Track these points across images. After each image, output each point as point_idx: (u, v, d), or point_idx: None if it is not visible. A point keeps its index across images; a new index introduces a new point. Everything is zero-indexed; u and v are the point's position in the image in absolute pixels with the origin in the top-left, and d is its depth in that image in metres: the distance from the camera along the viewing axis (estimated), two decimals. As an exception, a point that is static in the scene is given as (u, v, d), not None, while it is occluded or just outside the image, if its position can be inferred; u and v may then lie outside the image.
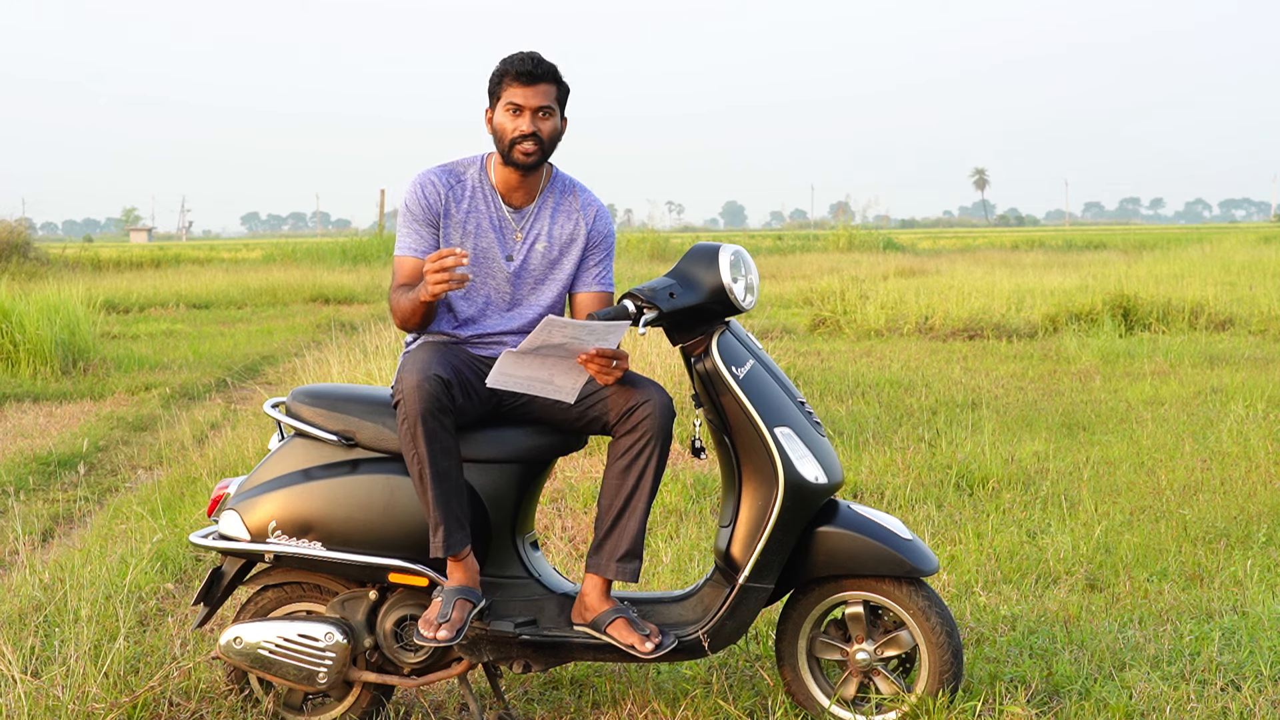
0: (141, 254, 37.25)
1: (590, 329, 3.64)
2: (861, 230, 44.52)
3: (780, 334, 15.34)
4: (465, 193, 4.00)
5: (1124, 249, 36.47)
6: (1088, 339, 13.54)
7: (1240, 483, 6.79)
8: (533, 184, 4.01)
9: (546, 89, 3.90)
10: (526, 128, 3.88)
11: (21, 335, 12.11)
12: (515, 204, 4.02)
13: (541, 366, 3.70)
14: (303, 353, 11.74)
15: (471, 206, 3.99)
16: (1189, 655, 4.40)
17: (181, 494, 6.98)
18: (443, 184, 3.99)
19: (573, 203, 4.05)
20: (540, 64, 3.89)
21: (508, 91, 3.90)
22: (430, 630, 3.70)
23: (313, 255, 32.75)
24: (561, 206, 4.04)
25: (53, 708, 3.91)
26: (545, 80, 3.90)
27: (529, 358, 3.68)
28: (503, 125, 3.91)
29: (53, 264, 27.32)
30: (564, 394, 3.76)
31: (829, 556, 3.86)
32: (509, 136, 3.90)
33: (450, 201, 3.98)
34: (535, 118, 3.89)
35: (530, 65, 3.88)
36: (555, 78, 3.92)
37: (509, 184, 4.00)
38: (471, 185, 4.01)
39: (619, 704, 4.11)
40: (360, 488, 3.87)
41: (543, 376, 3.72)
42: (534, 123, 3.89)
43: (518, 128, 3.89)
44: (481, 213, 3.99)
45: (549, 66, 3.91)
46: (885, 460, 7.30)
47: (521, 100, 3.89)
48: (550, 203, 4.04)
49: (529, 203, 4.02)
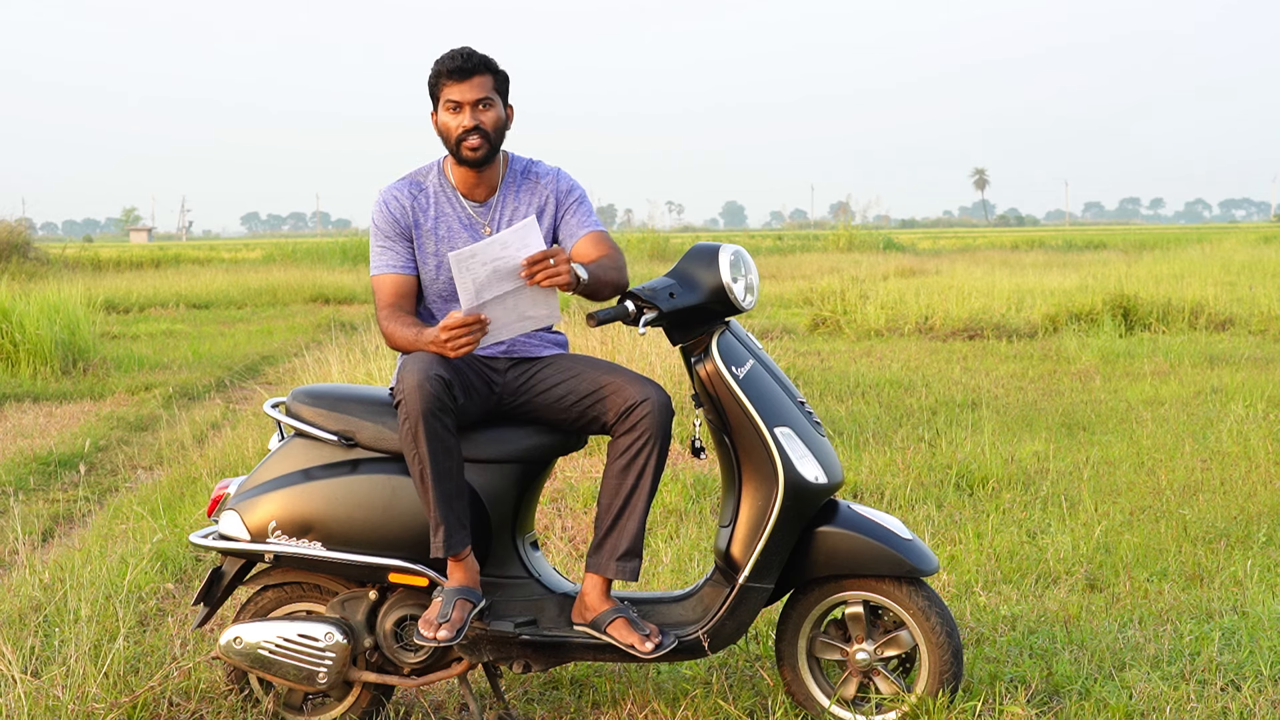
0: (141, 254, 37.27)
1: (501, 241, 3.61)
2: (861, 230, 44.56)
3: (780, 334, 15.34)
4: (430, 200, 4.00)
5: (1124, 249, 36.49)
6: (1088, 339, 13.54)
7: (1240, 483, 6.79)
8: (491, 177, 4.01)
9: (482, 80, 3.91)
10: (468, 122, 3.89)
11: (21, 335, 12.12)
12: (479, 199, 4.02)
13: (505, 309, 3.67)
14: (303, 353, 11.74)
15: (439, 212, 3.99)
16: (1189, 655, 4.40)
17: (181, 494, 6.98)
18: (406, 196, 4.00)
19: (532, 179, 4.05)
20: (470, 57, 3.90)
21: (445, 90, 3.91)
22: (430, 630, 3.70)
23: (313, 255, 32.79)
24: (523, 187, 4.04)
25: (53, 708, 3.91)
26: (478, 72, 3.91)
27: (490, 308, 3.65)
28: (446, 124, 3.93)
29: (53, 264, 27.34)
30: (544, 320, 3.74)
31: (829, 556, 3.86)
32: (454, 135, 3.91)
33: (417, 212, 3.98)
34: (475, 111, 3.90)
35: (461, 60, 3.89)
36: (490, 68, 3.93)
37: (468, 182, 4.00)
38: (433, 191, 4.01)
39: (619, 704, 4.11)
40: (360, 488, 3.87)
41: (513, 318, 3.70)
42: (474, 116, 3.90)
43: (460, 124, 3.90)
44: (449, 215, 3.99)
45: (480, 58, 3.92)
46: (885, 460, 7.30)
47: (459, 96, 3.90)
48: (513, 188, 4.04)
49: (491, 195, 4.02)
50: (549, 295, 3.69)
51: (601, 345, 9.28)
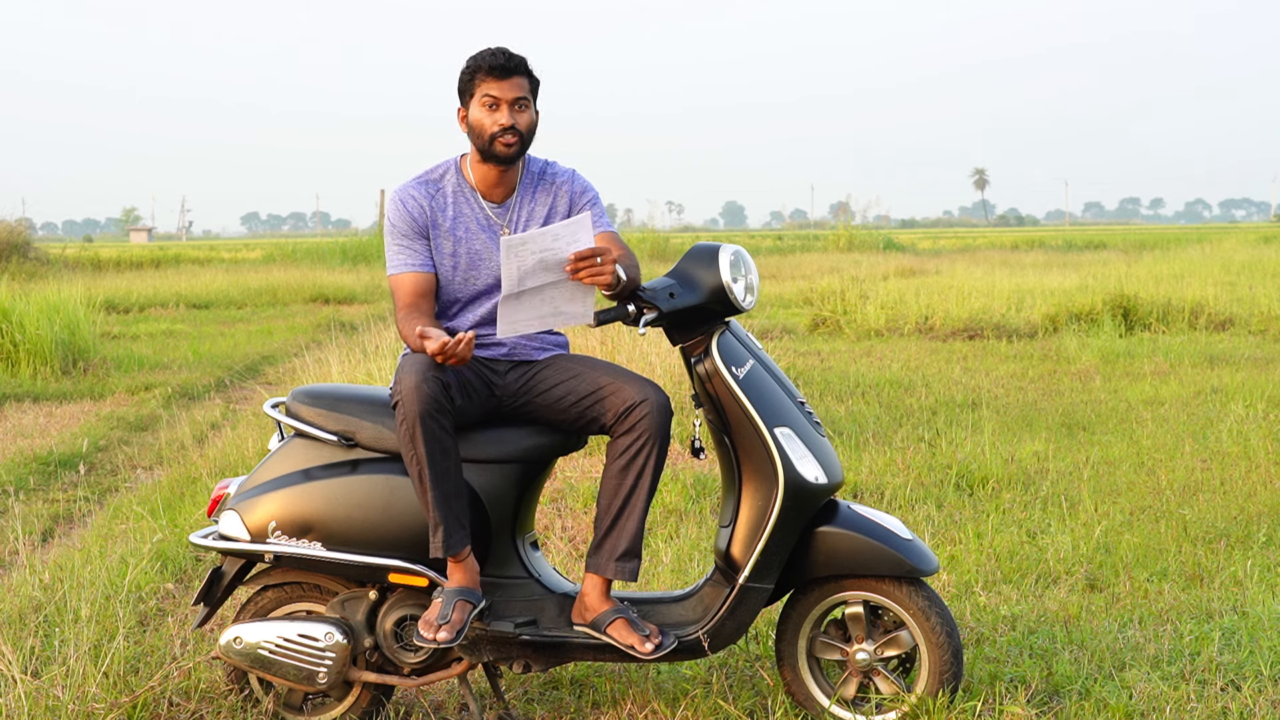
0: (141, 254, 37.27)
1: (553, 233, 3.57)
2: (861, 230, 44.56)
3: (780, 334, 15.34)
4: (447, 200, 3.98)
5: (1124, 249, 36.49)
6: (1088, 339, 13.54)
7: (1240, 483, 6.79)
8: (510, 177, 4.00)
9: (520, 81, 3.90)
10: (506, 120, 3.87)
11: (21, 335, 12.12)
12: (496, 200, 4.00)
13: (541, 301, 3.64)
14: (303, 353, 11.74)
15: (457, 212, 3.98)
16: (1189, 655, 4.40)
17: (181, 494, 6.98)
18: (423, 196, 3.97)
19: (548, 180, 4.04)
20: (511, 57, 3.89)
21: (482, 86, 3.89)
22: (430, 632, 3.70)
23: (313, 255, 32.77)
24: (540, 188, 4.04)
25: (53, 708, 3.91)
26: (518, 73, 3.90)
27: (526, 297, 3.62)
28: (480, 121, 3.90)
29: (53, 264, 27.33)
30: (578, 318, 3.69)
31: (829, 556, 3.86)
32: (489, 131, 3.88)
33: (435, 212, 3.96)
34: (513, 110, 3.89)
35: (503, 59, 3.87)
36: (526, 70, 3.92)
37: (488, 181, 3.98)
38: (451, 191, 3.99)
39: (619, 704, 4.11)
40: (360, 488, 3.87)
41: (547, 311, 3.66)
42: (512, 115, 3.88)
43: (497, 121, 3.87)
44: (467, 216, 3.98)
45: (520, 59, 3.91)
46: (885, 460, 7.30)
47: (498, 94, 3.87)
48: (530, 189, 4.03)
49: (509, 196, 4.01)
50: (586, 294, 3.67)
51: (601, 345, 9.28)
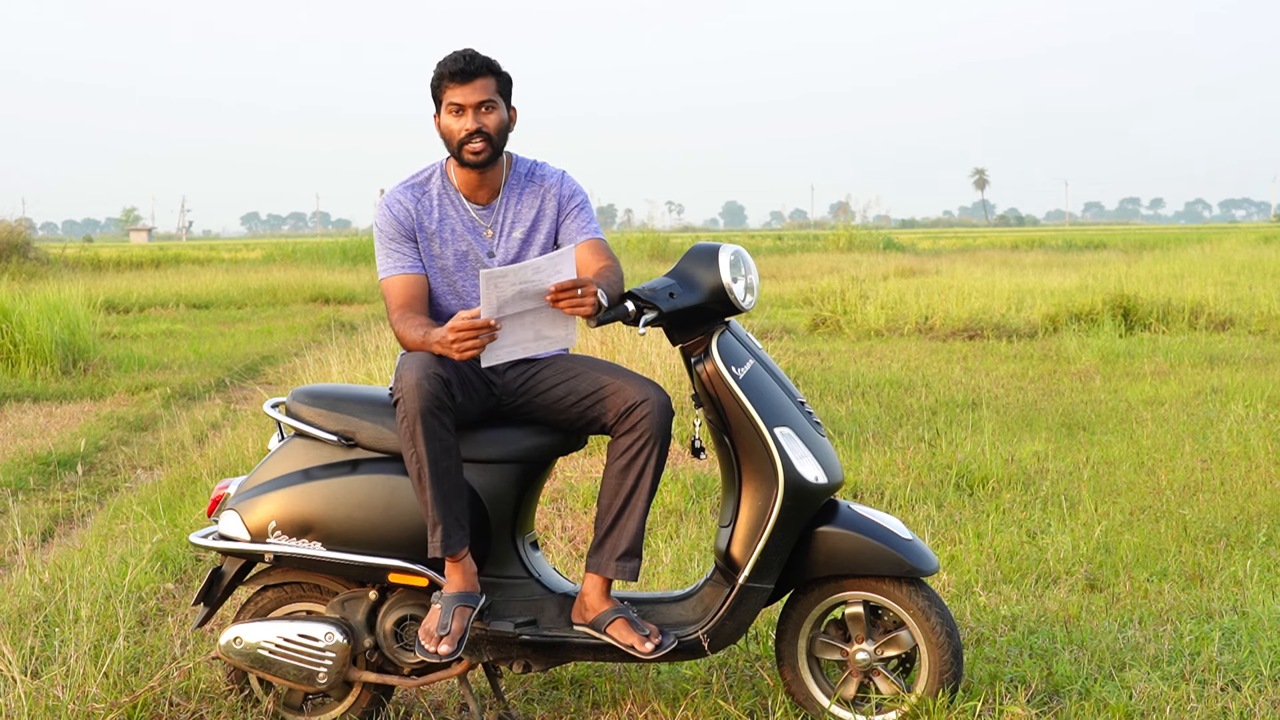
0: (141, 254, 37.27)
1: (534, 266, 3.58)
2: (861, 230, 44.53)
3: (780, 334, 15.34)
4: (433, 204, 3.99)
5: (1124, 249, 36.49)
6: (1088, 339, 13.54)
7: (1240, 483, 6.79)
8: (494, 179, 4.00)
9: (484, 83, 3.90)
10: (471, 125, 3.87)
11: (21, 335, 12.12)
12: (481, 202, 4.01)
13: (522, 327, 3.65)
14: (303, 353, 11.75)
15: (442, 215, 3.98)
16: (1189, 655, 4.40)
17: (181, 494, 6.98)
18: (410, 200, 3.99)
19: (536, 182, 4.04)
20: (473, 60, 3.89)
21: (447, 93, 3.90)
22: (432, 644, 3.69)
23: (313, 255, 32.81)
24: (527, 189, 4.03)
25: (53, 708, 3.91)
26: (481, 75, 3.89)
27: (507, 324, 3.63)
28: (449, 127, 3.91)
29: (53, 264, 27.33)
30: (560, 342, 3.71)
31: (829, 556, 3.86)
32: (456, 138, 3.89)
33: (421, 215, 3.97)
34: (478, 114, 3.89)
35: (463, 63, 3.88)
36: (492, 70, 3.92)
37: (470, 184, 3.99)
38: (436, 194, 4.00)
39: (619, 704, 4.11)
40: (360, 488, 3.87)
41: (529, 336, 3.67)
42: (477, 119, 3.88)
43: (463, 127, 3.88)
44: (453, 218, 3.99)
45: (483, 60, 3.91)
46: (885, 460, 7.30)
47: (461, 99, 3.88)
48: (516, 191, 4.03)
49: (495, 198, 4.02)
50: (569, 318, 3.68)
51: (601, 345, 9.28)
